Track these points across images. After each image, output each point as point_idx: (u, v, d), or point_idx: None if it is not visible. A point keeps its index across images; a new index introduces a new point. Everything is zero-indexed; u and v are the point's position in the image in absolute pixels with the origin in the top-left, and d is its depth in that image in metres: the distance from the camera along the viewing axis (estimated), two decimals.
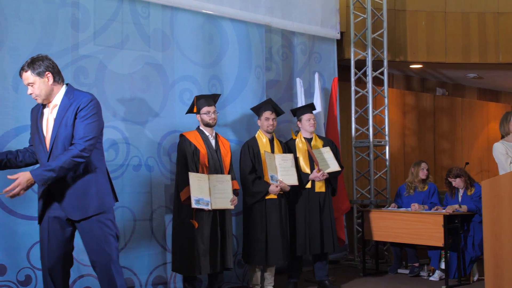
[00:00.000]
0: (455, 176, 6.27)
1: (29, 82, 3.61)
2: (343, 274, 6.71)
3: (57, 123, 3.58)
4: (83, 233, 3.67)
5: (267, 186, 5.33)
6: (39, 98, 3.63)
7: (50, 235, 3.66)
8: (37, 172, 3.43)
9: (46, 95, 3.62)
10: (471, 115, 10.96)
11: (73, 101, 3.59)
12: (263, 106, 5.61)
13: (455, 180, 6.28)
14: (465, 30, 8.39)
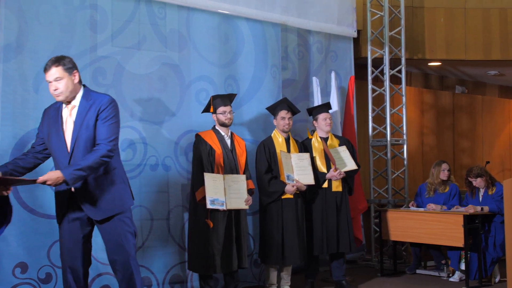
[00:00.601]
0: (476, 175, 6.18)
1: (57, 77, 3.60)
2: (360, 274, 6.69)
3: (77, 124, 3.61)
4: (104, 232, 3.74)
5: (283, 186, 5.34)
6: (63, 95, 3.62)
7: (69, 236, 3.72)
8: (68, 171, 3.43)
9: (70, 93, 3.64)
10: (491, 113, 10.83)
11: (92, 103, 3.64)
12: (278, 106, 5.63)
13: (476, 180, 6.18)
14: (486, 26, 8.29)
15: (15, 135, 4.71)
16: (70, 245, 3.73)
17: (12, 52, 4.73)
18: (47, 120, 3.73)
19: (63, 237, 3.75)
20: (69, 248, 3.73)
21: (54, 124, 3.68)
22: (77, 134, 3.60)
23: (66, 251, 3.74)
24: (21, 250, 4.64)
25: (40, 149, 3.79)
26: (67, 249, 3.74)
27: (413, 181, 8.55)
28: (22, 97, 4.76)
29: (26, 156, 3.77)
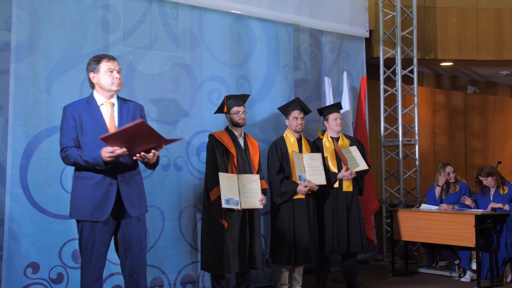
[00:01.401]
0: (487, 174, 6.17)
1: (119, 69, 3.81)
2: (372, 274, 6.67)
3: (123, 123, 3.73)
4: (126, 230, 3.76)
5: (295, 186, 5.32)
6: (120, 86, 3.80)
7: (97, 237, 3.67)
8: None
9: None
10: (503, 113, 10.76)
11: (128, 105, 3.85)
12: (291, 106, 5.61)
13: (487, 179, 6.18)
14: (498, 26, 8.25)
15: (27, 135, 4.71)
16: (97, 247, 3.69)
17: (24, 52, 4.73)
18: (81, 115, 3.72)
19: (95, 239, 3.68)
20: (97, 251, 3.69)
21: (91, 120, 3.71)
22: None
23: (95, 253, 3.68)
24: (32, 250, 4.64)
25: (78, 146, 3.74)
26: (96, 252, 3.69)
27: (424, 181, 8.52)
28: (34, 97, 4.77)
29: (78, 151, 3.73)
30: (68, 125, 3.70)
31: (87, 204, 3.64)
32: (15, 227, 4.57)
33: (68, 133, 3.70)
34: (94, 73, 3.77)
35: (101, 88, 3.78)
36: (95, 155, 3.54)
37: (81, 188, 3.67)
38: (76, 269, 4.83)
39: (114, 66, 3.77)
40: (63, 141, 3.71)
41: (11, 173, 4.60)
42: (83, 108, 3.74)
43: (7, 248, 4.53)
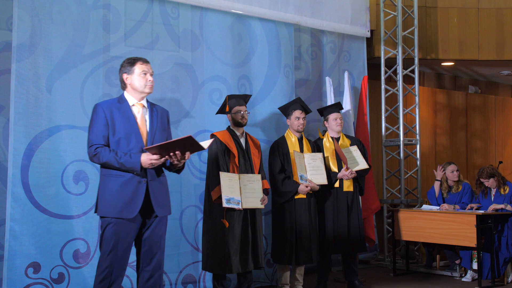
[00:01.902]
0: (488, 176, 6.16)
1: (152, 71, 3.89)
2: (373, 274, 6.66)
3: (154, 124, 3.83)
4: (152, 231, 3.78)
5: (296, 186, 5.32)
6: (152, 89, 3.87)
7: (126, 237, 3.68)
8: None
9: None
10: (504, 113, 10.76)
11: (156, 108, 3.93)
12: (292, 106, 5.60)
13: (489, 181, 6.17)
14: (499, 26, 8.24)
15: (28, 134, 4.71)
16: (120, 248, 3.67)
17: (25, 52, 4.73)
18: (113, 114, 3.73)
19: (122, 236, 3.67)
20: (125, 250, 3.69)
21: (123, 119, 3.73)
22: (154, 133, 3.81)
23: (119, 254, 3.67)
24: (33, 250, 4.65)
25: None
26: (119, 253, 3.67)
27: (426, 181, 8.52)
28: (35, 97, 4.77)
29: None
30: (99, 122, 3.70)
31: (116, 201, 3.64)
32: (16, 227, 4.57)
33: (99, 131, 3.69)
34: (128, 74, 3.82)
35: (133, 90, 3.82)
36: (134, 161, 3.60)
37: (109, 185, 3.68)
38: (77, 269, 4.85)
39: (148, 69, 3.84)
40: (93, 138, 3.69)
41: (12, 172, 4.60)
42: (115, 107, 3.75)
43: (8, 248, 4.53)
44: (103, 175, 3.73)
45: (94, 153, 3.66)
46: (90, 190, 4.96)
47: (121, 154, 3.63)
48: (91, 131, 3.71)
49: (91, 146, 3.68)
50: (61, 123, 4.87)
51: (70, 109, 4.93)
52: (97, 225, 4.95)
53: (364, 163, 5.67)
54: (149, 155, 3.60)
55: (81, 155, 4.93)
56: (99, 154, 3.64)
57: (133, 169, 3.61)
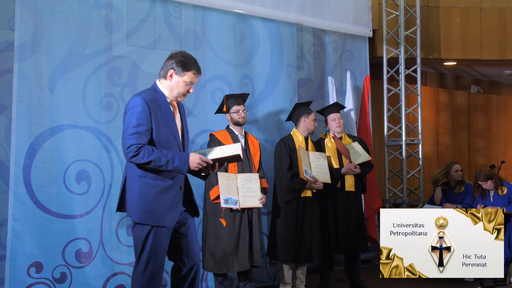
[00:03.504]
0: (486, 178, 6.13)
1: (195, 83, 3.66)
2: (375, 274, 6.63)
3: (183, 123, 3.68)
4: (190, 233, 3.66)
5: (305, 183, 5.30)
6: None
7: (164, 242, 3.53)
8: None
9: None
10: (507, 113, 10.75)
11: (180, 104, 3.73)
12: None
13: (486, 183, 6.14)
14: (501, 26, 8.24)
15: (30, 134, 4.70)
16: (163, 252, 3.55)
17: (27, 51, 4.72)
18: (156, 110, 3.48)
19: (163, 242, 3.52)
20: (164, 253, 3.56)
21: (167, 118, 3.52)
22: (185, 132, 3.66)
23: (161, 258, 3.54)
24: (36, 250, 4.64)
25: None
26: (162, 256, 3.54)
27: (428, 181, 8.48)
28: (37, 96, 4.76)
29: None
30: (143, 119, 3.41)
31: (156, 208, 3.44)
32: (18, 227, 4.56)
33: (142, 128, 3.40)
34: (176, 73, 3.56)
35: (170, 88, 3.57)
36: (183, 159, 3.42)
37: (149, 191, 3.44)
38: (80, 269, 4.85)
39: (195, 82, 3.61)
40: (135, 136, 3.39)
41: (15, 172, 4.59)
42: (155, 103, 3.49)
43: (11, 248, 4.53)
44: (141, 177, 3.45)
45: (136, 152, 3.36)
46: (92, 190, 4.96)
47: (166, 152, 3.40)
48: (134, 128, 3.40)
49: (133, 145, 3.37)
50: (63, 122, 4.86)
51: (72, 109, 4.92)
52: (99, 225, 4.95)
53: (367, 155, 5.67)
54: (196, 155, 3.46)
55: (83, 155, 4.93)
56: (142, 153, 3.35)
57: (180, 169, 3.42)
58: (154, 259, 3.47)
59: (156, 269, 3.48)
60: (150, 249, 3.45)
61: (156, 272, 3.49)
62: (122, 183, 3.57)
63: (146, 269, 3.46)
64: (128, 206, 3.51)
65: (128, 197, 3.51)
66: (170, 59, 3.60)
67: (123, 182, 3.56)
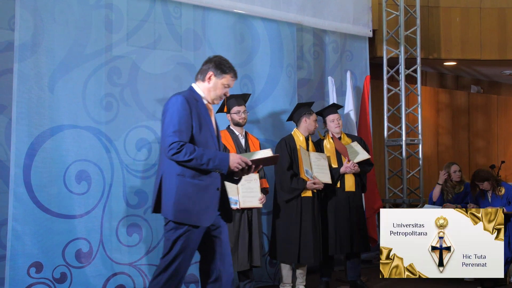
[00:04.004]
0: (482, 179, 6.13)
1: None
2: (375, 274, 6.63)
3: (217, 126, 3.70)
4: (224, 237, 3.63)
5: (304, 183, 5.30)
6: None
7: (195, 242, 3.50)
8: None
9: None
10: (507, 113, 10.75)
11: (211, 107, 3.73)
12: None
13: (483, 184, 6.15)
14: (501, 26, 8.24)
15: (30, 134, 4.70)
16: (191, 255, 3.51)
17: (27, 51, 4.73)
18: (195, 110, 3.51)
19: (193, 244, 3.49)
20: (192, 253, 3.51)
21: (205, 118, 3.54)
22: (218, 134, 3.69)
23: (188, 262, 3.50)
24: (36, 250, 4.64)
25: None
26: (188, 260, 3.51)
27: (428, 181, 8.51)
28: (37, 97, 4.76)
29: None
30: (185, 117, 3.42)
31: (193, 207, 3.43)
32: (18, 227, 4.56)
33: (184, 127, 3.41)
34: (215, 75, 3.61)
35: (207, 90, 3.61)
36: (224, 158, 3.42)
37: (187, 189, 3.43)
38: (80, 269, 4.84)
39: (231, 85, 3.68)
40: (177, 134, 3.38)
41: (15, 172, 4.59)
42: (196, 101, 3.54)
43: (11, 248, 4.53)
44: (180, 175, 3.43)
45: (178, 149, 3.34)
46: (92, 190, 4.96)
47: (208, 150, 3.41)
48: (175, 126, 3.39)
49: (175, 142, 3.35)
50: (63, 122, 4.86)
51: (73, 109, 4.92)
52: (99, 225, 4.95)
53: (365, 154, 5.67)
54: (236, 155, 3.45)
55: (83, 155, 4.93)
56: (185, 151, 3.34)
57: (220, 168, 3.41)
58: (179, 260, 3.43)
59: (177, 271, 3.44)
60: (178, 250, 3.42)
61: (176, 274, 3.44)
62: (158, 182, 3.51)
63: (167, 269, 3.42)
64: (164, 204, 3.46)
65: (164, 195, 3.47)
66: (208, 62, 3.65)
67: (158, 181, 3.51)
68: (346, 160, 5.56)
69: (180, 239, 3.42)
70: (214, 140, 3.58)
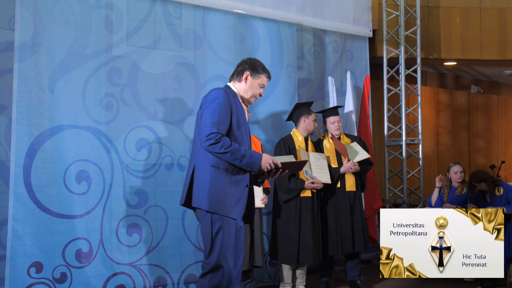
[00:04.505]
0: (479, 180, 6.13)
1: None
2: (375, 274, 6.63)
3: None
4: (242, 240, 3.61)
5: (302, 183, 5.30)
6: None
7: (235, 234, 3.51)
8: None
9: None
10: (507, 113, 10.75)
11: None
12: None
13: (481, 184, 6.15)
14: (501, 26, 8.24)
15: (30, 134, 4.70)
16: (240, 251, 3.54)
17: (27, 51, 4.72)
18: (235, 107, 3.57)
19: (232, 235, 3.48)
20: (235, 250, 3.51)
21: (242, 116, 3.60)
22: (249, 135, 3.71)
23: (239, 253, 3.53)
24: (36, 250, 4.64)
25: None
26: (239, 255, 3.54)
27: (428, 181, 8.51)
28: (37, 97, 4.76)
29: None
30: (224, 111, 3.47)
31: (227, 199, 3.45)
32: (18, 227, 4.56)
33: (223, 120, 3.45)
34: (251, 76, 3.71)
35: (244, 91, 3.70)
36: (257, 157, 3.44)
37: (221, 181, 3.45)
38: (80, 269, 4.84)
39: (265, 86, 3.76)
40: (216, 126, 3.41)
41: (15, 172, 4.59)
42: (234, 98, 3.59)
43: (11, 248, 4.52)
44: (214, 167, 3.45)
45: (216, 140, 3.37)
46: (92, 190, 4.96)
47: (243, 147, 3.44)
48: (215, 117, 3.42)
49: (213, 133, 3.38)
50: (63, 122, 4.86)
51: (73, 109, 4.92)
52: (99, 225, 4.95)
53: (365, 153, 5.67)
54: (268, 156, 3.48)
55: (83, 155, 4.93)
56: (222, 143, 3.36)
57: (252, 165, 3.44)
58: (224, 254, 3.42)
59: (227, 266, 3.43)
60: (220, 243, 3.41)
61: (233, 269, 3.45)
62: (190, 173, 3.53)
63: (217, 268, 3.43)
64: (197, 195, 3.47)
65: (197, 186, 3.47)
66: (244, 63, 3.77)
67: (191, 172, 3.52)
68: (346, 159, 5.56)
69: (220, 230, 3.43)
70: (248, 138, 3.64)
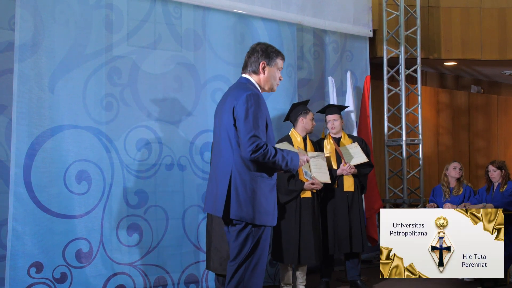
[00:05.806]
0: (498, 167, 6.15)
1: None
2: (375, 274, 6.63)
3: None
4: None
5: (302, 184, 5.30)
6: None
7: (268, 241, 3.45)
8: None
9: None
10: (507, 113, 10.75)
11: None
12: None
13: (496, 171, 6.15)
14: (501, 26, 8.24)
15: (30, 134, 4.70)
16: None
17: (27, 51, 4.73)
18: (265, 107, 3.38)
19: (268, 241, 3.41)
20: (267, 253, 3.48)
21: (269, 114, 3.44)
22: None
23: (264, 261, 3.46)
24: (36, 250, 4.64)
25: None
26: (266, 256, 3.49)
27: (428, 181, 8.51)
28: (37, 97, 4.76)
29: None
30: (263, 117, 3.30)
31: (269, 206, 3.34)
32: (18, 227, 4.56)
33: (263, 126, 3.28)
34: (267, 64, 3.47)
35: (263, 82, 3.50)
36: (296, 158, 3.35)
37: (264, 189, 3.32)
38: (80, 269, 4.84)
39: (282, 67, 3.55)
40: (258, 133, 3.24)
41: (15, 172, 4.60)
42: (262, 98, 3.39)
43: (11, 248, 4.53)
44: (258, 177, 3.30)
45: (264, 149, 3.21)
46: (93, 190, 4.96)
47: (285, 150, 3.34)
48: (257, 124, 3.25)
49: (258, 141, 3.22)
50: (63, 123, 4.87)
51: (73, 109, 4.93)
52: (99, 225, 4.95)
53: (363, 157, 5.66)
54: (300, 153, 3.39)
55: (83, 155, 4.93)
56: (270, 152, 3.23)
57: (293, 168, 3.35)
58: (262, 260, 3.36)
59: (264, 267, 3.40)
60: (259, 249, 3.33)
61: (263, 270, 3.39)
62: (226, 183, 3.32)
63: (256, 267, 3.34)
64: (239, 207, 3.26)
65: (239, 197, 3.27)
66: (255, 52, 3.51)
67: (227, 183, 3.31)
68: (343, 162, 5.56)
69: (260, 241, 3.31)
70: (274, 139, 3.54)
